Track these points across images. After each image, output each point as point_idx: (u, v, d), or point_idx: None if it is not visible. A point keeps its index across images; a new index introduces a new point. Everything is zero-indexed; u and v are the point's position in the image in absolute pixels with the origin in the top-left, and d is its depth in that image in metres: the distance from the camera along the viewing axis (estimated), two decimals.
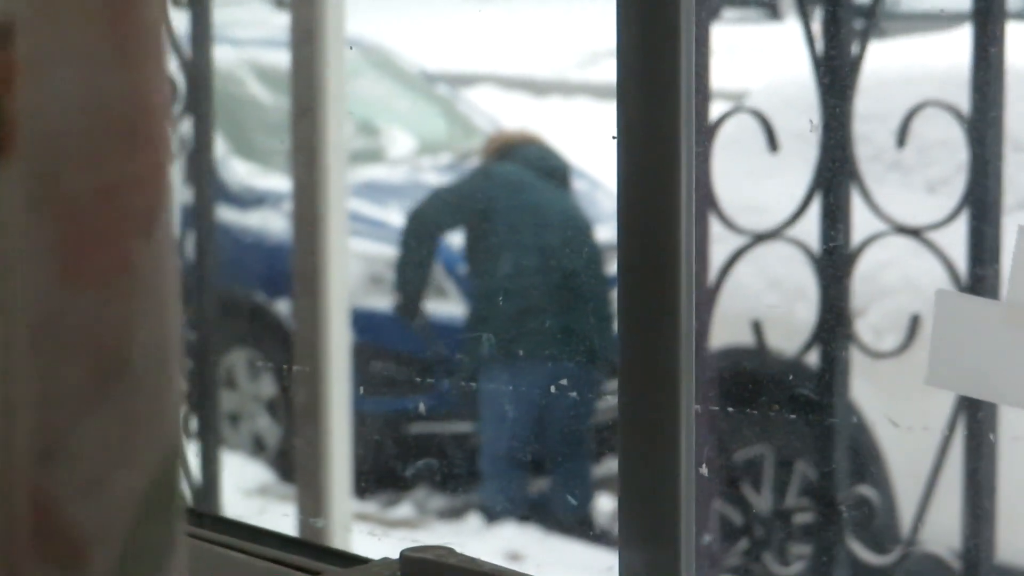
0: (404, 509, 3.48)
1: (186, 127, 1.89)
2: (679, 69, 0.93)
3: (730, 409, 2.01)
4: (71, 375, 0.48)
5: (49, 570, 0.49)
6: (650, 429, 1.02)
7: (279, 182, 3.19)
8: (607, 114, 1.09)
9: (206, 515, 1.99)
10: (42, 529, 0.49)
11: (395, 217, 3.92)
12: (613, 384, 1.43)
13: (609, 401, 1.95)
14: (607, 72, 1.04)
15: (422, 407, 3.10)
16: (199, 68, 1.87)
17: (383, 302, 3.80)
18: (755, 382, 2.19)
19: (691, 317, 0.92)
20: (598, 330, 2.45)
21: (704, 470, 1.17)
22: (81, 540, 0.50)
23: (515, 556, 3.15)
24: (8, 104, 0.46)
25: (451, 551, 1.16)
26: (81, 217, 0.47)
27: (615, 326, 1.11)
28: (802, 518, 2.08)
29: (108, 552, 0.50)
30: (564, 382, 2.03)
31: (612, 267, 1.46)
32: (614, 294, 1.13)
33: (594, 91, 5.04)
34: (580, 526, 3.43)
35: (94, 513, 0.50)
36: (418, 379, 3.39)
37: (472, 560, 1.15)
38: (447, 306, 3.84)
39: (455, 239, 3.83)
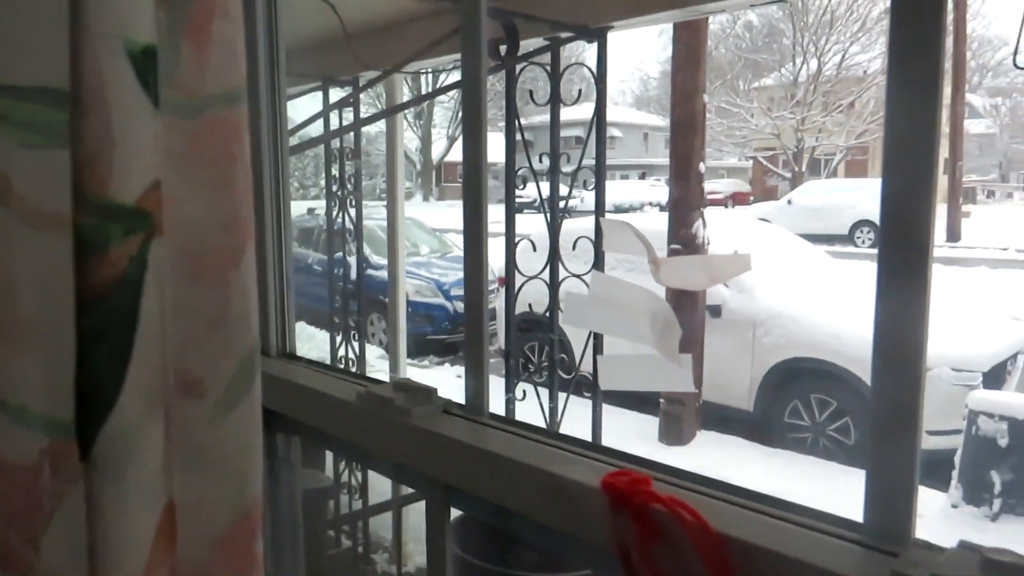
0: (425, 362, 9.27)
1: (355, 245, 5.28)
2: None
3: (520, 332, 5.28)
4: (195, 326, 0.65)
5: (185, 400, 0.67)
6: (476, 338, 1.91)
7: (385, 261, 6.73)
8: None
9: (335, 366, 3.49)
10: (180, 378, 0.65)
11: (424, 273, 9.40)
12: None
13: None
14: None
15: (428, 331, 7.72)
16: (358, 227, 5.19)
17: (417, 298, 9.11)
18: (530, 323, 5.53)
19: (512, 306, 3.75)
20: None
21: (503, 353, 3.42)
22: (201, 383, 0.67)
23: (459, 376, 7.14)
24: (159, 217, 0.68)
25: (411, 380, 1.73)
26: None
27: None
28: (544, 366, 4.18)
29: (216, 388, 0.67)
30: None
31: None
32: None
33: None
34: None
35: (208, 371, 0.68)
36: (428, 321, 7.77)
37: (422, 383, 1.72)
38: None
39: None
